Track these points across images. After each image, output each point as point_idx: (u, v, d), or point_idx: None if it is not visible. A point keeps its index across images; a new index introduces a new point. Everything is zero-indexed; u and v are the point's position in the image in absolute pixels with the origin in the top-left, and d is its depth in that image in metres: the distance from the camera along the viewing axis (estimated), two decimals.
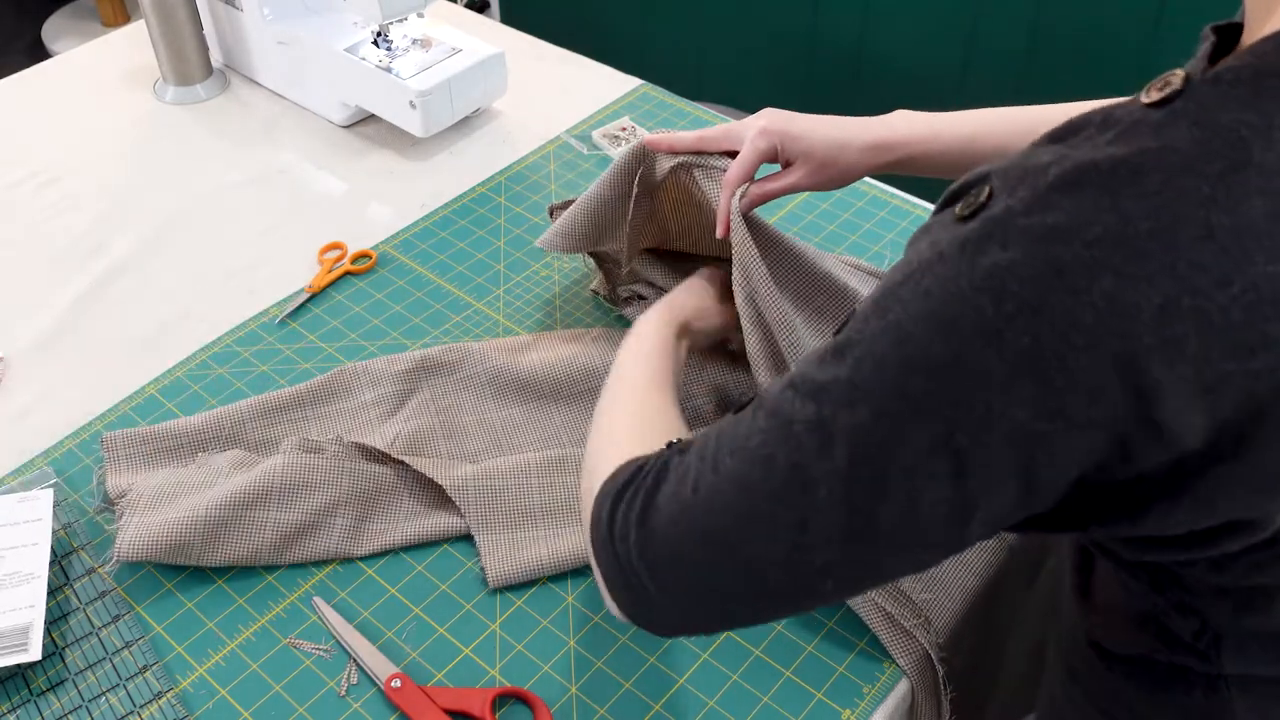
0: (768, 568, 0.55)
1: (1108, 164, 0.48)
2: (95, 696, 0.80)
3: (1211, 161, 0.47)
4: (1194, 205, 0.46)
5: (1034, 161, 0.51)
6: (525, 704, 0.80)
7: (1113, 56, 1.78)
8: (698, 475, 0.58)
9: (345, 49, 1.28)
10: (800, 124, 0.89)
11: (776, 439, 0.54)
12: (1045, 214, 0.48)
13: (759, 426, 0.56)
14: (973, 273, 0.48)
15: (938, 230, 0.52)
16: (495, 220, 1.22)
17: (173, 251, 1.18)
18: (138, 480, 0.91)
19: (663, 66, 2.22)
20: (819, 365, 0.54)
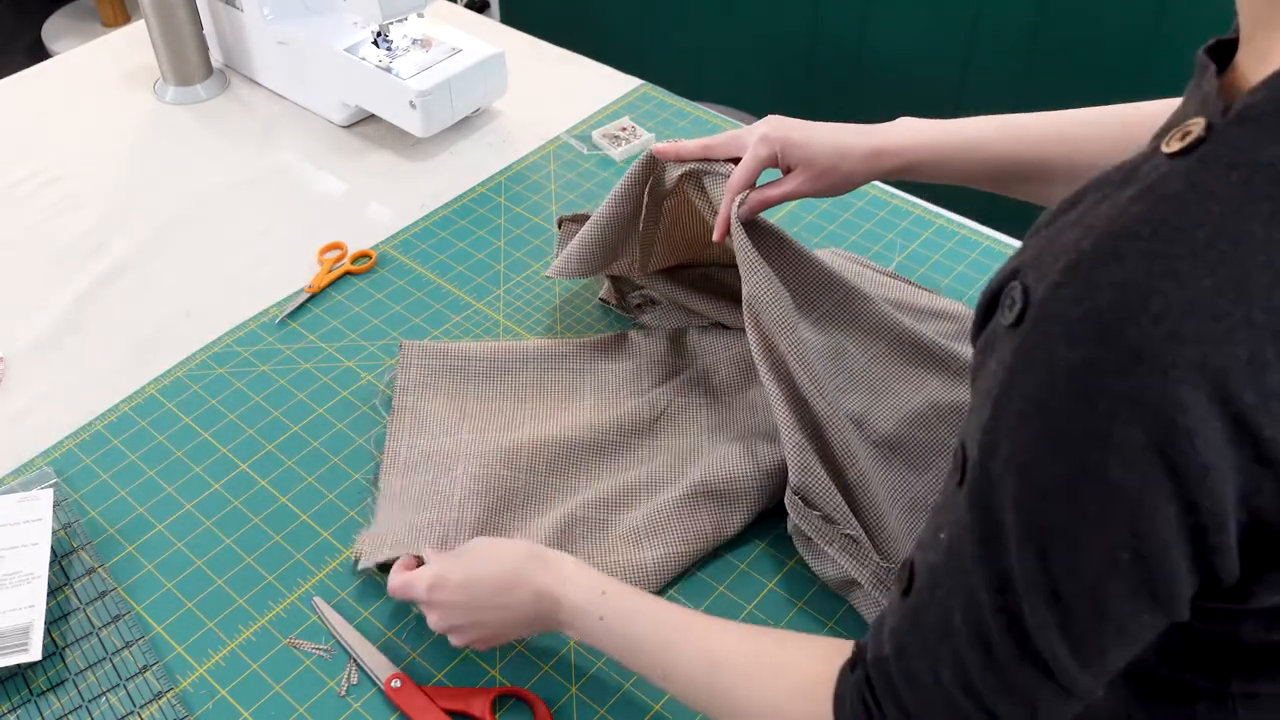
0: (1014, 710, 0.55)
1: (1145, 226, 0.46)
2: (95, 696, 0.80)
3: (1259, 203, 0.45)
4: (1252, 251, 0.45)
5: (1060, 241, 0.49)
6: (525, 704, 0.80)
7: (1113, 56, 1.77)
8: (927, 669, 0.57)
9: (345, 49, 1.28)
10: (801, 131, 0.89)
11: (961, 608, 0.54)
12: (1095, 296, 0.46)
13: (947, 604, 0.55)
14: (1054, 379, 0.47)
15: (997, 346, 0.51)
16: (495, 220, 1.22)
17: (173, 251, 1.18)
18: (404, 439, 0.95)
19: (663, 66, 2.22)
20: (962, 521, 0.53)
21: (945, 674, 0.56)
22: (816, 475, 0.84)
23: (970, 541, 0.53)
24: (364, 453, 0.97)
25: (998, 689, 0.54)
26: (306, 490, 0.94)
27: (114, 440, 0.98)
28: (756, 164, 0.90)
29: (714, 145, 0.94)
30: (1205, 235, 0.45)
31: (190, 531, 0.91)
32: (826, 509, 0.84)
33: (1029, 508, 0.49)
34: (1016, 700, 0.55)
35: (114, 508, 0.93)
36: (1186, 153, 0.48)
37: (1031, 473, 0.49)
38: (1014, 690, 0.54)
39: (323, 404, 1.01)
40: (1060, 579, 0.50)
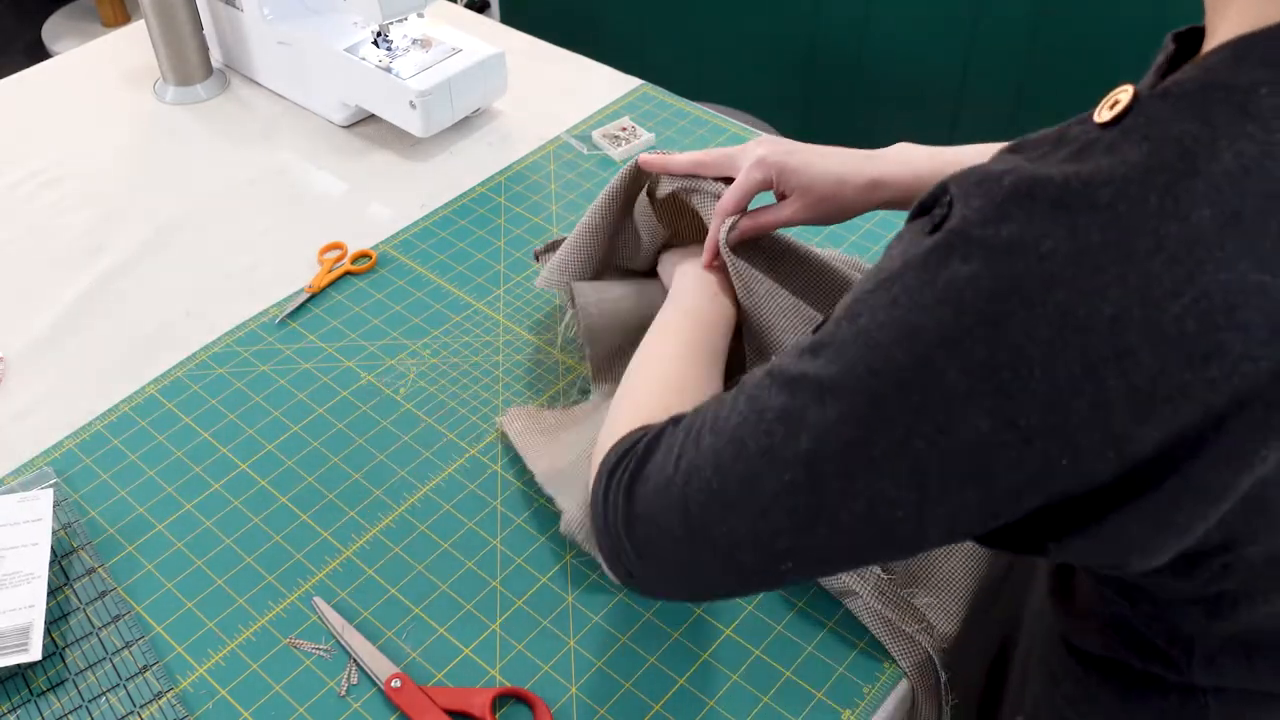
0: (734, 547, 0.59)
1: (1061, 178, 0.49)
2: (95, 696, 0.80)
3: (1159, 174, 0.48)
4: (1143, 217, 0.47)
5: (989, 170, 0.52)
6: (525, 704, 0.80)
7: (1113, 56, 1.78)
8: (681, 450, 0.61)
9: (345, 49, 1.28)
10: (799, 156, 0.87)
11: (750, 424, 0.57)
12: (1000, 226, 0.49)
13: (738, 409, 0.59)
14: (935, 284, 0.50)
15: (908, 240, 0.54)
16: (495, 220, 1.22)
17: (173, 251, 1.18)
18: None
19: (663, 66, 2.22)
20: (796, 359, 0.57)
21: (688, 452, 0.60)
22: None
23: (791, 375, 0.56)
24: (364, 452, 0.97)
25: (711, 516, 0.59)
26: (306, 490, 0.94)
27: (114, 440, 0.98)
28: (750, 188, 0.88)
29: (705, 162, 0.91)
30: (1106, 196, 0.48)
31: (190, 531, 0.91)
32: None
33: (859, 376, 0.53)
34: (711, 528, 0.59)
35: (114, 508, 0.93)
36: (1112, 123, 0.51)
37: (878, 350, 0.52)
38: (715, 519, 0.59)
39: (323, 404, 1.01)
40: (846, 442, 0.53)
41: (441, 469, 0.96)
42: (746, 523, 0.57)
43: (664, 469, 0.62)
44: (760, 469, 0.56)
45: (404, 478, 0.95)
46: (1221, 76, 0.50)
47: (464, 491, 0.94)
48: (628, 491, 0.63)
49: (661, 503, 0.61)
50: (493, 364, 1.05)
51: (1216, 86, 0.49)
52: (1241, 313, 0.46)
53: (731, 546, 0.59)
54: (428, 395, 1.02)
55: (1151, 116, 0.50)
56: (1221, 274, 0.46)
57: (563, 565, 0.88)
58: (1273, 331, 0.46)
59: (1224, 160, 0.47)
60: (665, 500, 0.61)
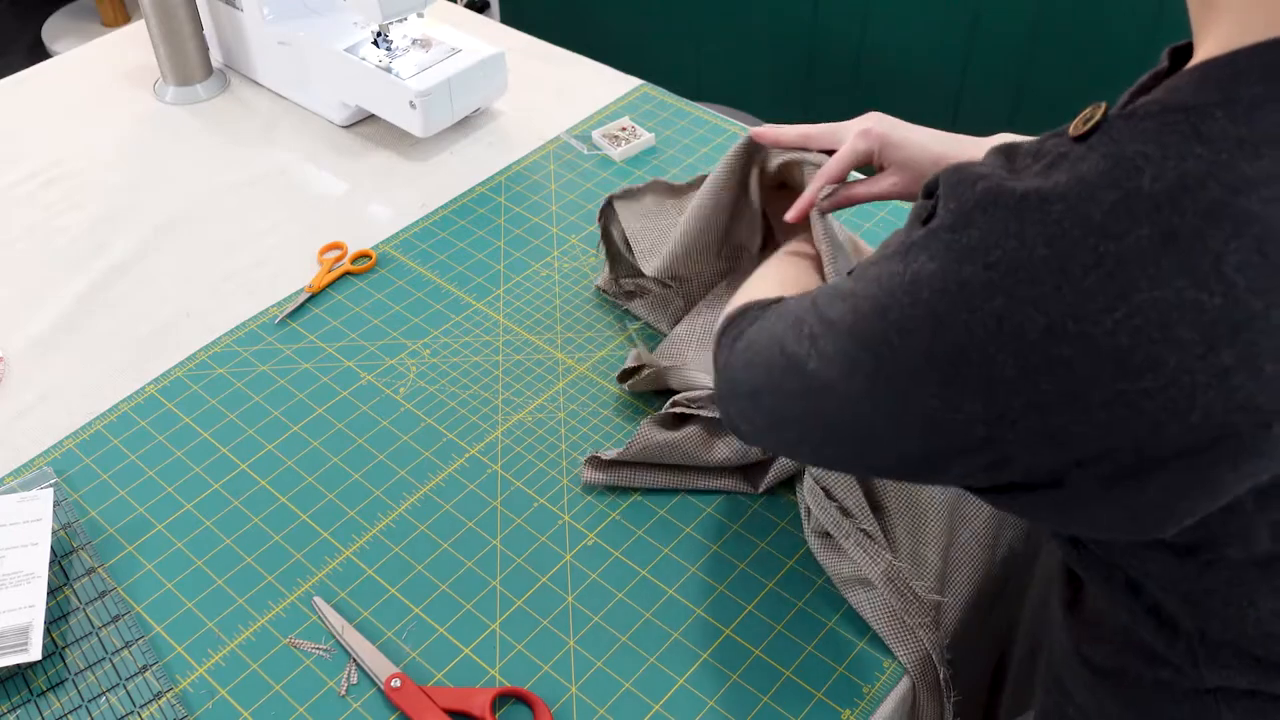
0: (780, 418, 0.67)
1: (1023, 191, 0.51)
2: (95, 696, 0.80)
3: (1107, 191, 0.49)
4: (1085, 234, 0.49)
5: (971, 171, 0.55)
6: (525, 704, 0.80)
7: (1113, 56, 1.78)
8: (762, 325, 0.70)
9: (345, 49, 1.28)
10: (902, 132, 0.89)
11: (792, 331, 0.64)
12: (964, 231, 0.53)
13: (795, 312, 0.65)
14: (904, 274, 0.55)
15: (908, 224, 0.59)
16: (495, 220, 1.22)
17: (173, 251, 1.18)
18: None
19: (663, 66, 2.22)
20: (826, 294, 0.63)
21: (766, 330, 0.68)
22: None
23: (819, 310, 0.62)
24: (364, 452, 0.97)
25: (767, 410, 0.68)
26: (306, 490, 0.94)
27: (114, 440, 0.98)
28: (853, 157, 0.90)
29: (812, 135, 0.94)
30: (1057, 212, 0.50)
31: (190, 531, 0.91)
32: (845, 502, 0.85)
33: (845, 335, 0.59)
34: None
35: (114, 508, 0.93)
36: (1081, 138, 0.53)
37: (860, 318, 0.57)
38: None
39: (323, 404, 1.01)
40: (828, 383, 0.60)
41: (441, 469, 0.96)
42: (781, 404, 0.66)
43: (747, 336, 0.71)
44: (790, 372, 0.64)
45: (404, 478, 0.95)
46: (1182, 98, 0.51)
47: (464, 491, 0.94)
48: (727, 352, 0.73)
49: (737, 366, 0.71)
50: (493, 364, 1.05)
51: (1175, 109, 0.50)
52: (1177, 329, 0.48)
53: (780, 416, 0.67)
54: (428, 395, 1.02)
55: (1114, 135, 0.51)
56: (1155, 291, 0.48)
57: (563, 565, 0.88)
58: (1208, 347, 0.48)
59: (1167, 180, 0.48)
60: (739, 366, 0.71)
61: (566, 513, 0.92)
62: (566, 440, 0.98)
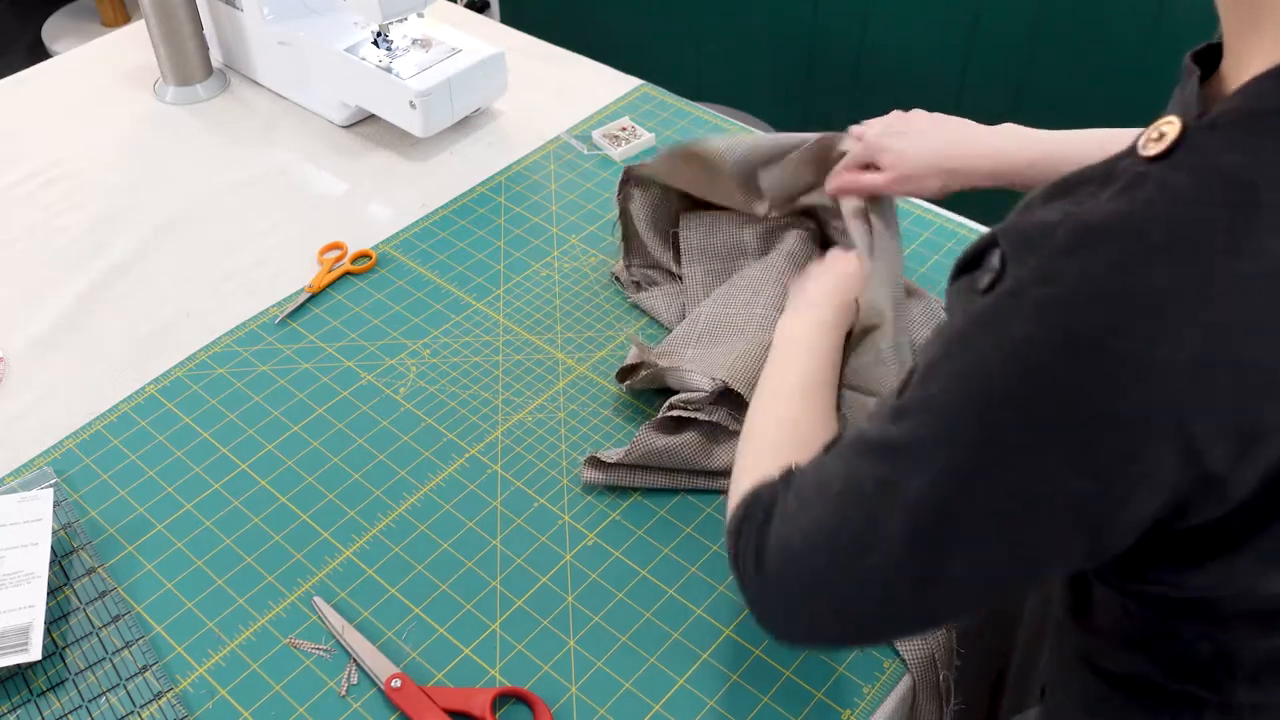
0: (855, 613, 0.60)
1: (1113, 222, 0.48)
2: (95, 696, 0.80)
3: (1219, 209, 0.47)
4: (1209, 255, 0.46)
5: (1039, 221, 0.51)
6: (525, 704, 0.80)
7: (1113, 56, 1.77)
8: (793, 518, 0.62)
9: (345, 49, 1.28)
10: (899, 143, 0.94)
11: (848, 494, 0.57)
12: (1058, 281, 0.48)
13: (837, 475, 0.59)
14: (998, 350, 0.50)
15: (964, 300, 0.54)
16: (495, 220, 1.22)
17: (173, 251, 1.18)
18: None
19: (663, 66, 2.22)
20: (882, 423, 0.57)
21: (800, 521, 0.61)
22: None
23: (878, 442, 0.57)
24: (364, 452, 0.97)
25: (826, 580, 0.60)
26: (306, 490, 0.94)
27: (114, 440, 0.98)
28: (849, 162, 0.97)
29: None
30: (1164, 237, 0.47)
31: (190, 531, 0.91)
32: None
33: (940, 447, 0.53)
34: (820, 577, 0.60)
35: (114, 508, 0.93)
36: (1161, 156, 0.50)
37: (953, 421, 0.52)
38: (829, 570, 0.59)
39: (323, 404, 1.01)
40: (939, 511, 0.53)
41: (441, 469, 0.96)
42: (861, 587, 0.58)
43: (781, 535, 0.62)
44: (866, 540, 0.56)
45: (404, 478, 0.95)
46: (1272, 103, 0.49)
47: (464, 491, 0.94)
48: (756, 557, 0.64)
49: (786, 568, 0.62)
50: (493, 364, 1.05)
51: (1269, 113, 0.48)
52: None
53: (852, 613, 0.60)
54: (428, 395, 1.02)
55: (1201, 148, 0.49)
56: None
57: (563, 565, 0.88)
58: None
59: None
60: (788, 566, 0.62)
61: (566, 513, 0.92)
62: (566, 440, 0.98)
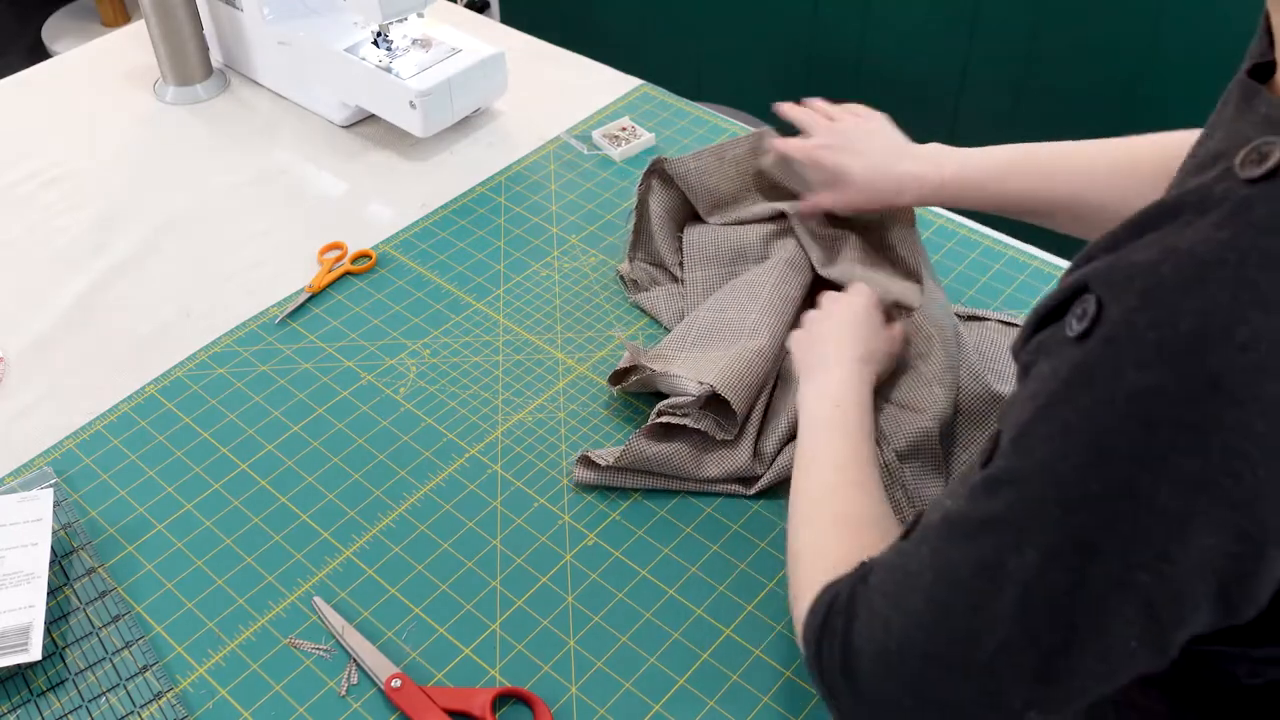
0: (971, 708, 0.54)
1: (1230, 253, 0.45)
2: (95, 696, 0.80)
3: None
4: None
5: (1136, 261, 0.48)
6: (525, 704, 0.80)
7: (1112, 58, 1.77)
8: (886, 618, 0.57)
9: (345, 49, 1.28)
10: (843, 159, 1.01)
11: (946, 583, 0.53)
12: (1175, 323, 0.45)
13: (926, 563, 0.55)
14: (1114, 401, 0.46)
15: (1054, 354, 0.50)
16: (495, 220, 1.22)
17: (173, 251, 1.18)
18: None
19: (663, 66, 2.22)
20: (970, 501, 0.53)
21: (895, 622, 0.56)
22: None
23: (972, 521, 0.52)
24: (364, 452, 0.97)
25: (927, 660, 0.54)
26: (306, 490, 0.94)
27: (114, 440, 0.98)
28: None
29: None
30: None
31: (190, 531, 0.91)
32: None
33: (1054, 516, 0.48)
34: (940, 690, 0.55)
35: (114, 508, 0.93)
36: (1269, 177, 0.47)
37: (1066, 484, 0.48)
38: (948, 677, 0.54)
39: (323, 404, 1.01)
40: (1058, 588, 0.49)
41: (441, 469, 0.96)
42: (974, 685, 0.53)
43: (874, 638, 0.57)
44: (974, 630, 0.52)
45: (404, 478, 0.95)
46: None
47: (464, 491, 0.94)
48: (844, 666, 0.59)
49: (883, 675, 0.57)
50: (493, 364, 1.05)
51: None
52: None
53: (968, 709, 0.54)
54: (428, 395, 1.02)
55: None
56: None
57: (563, 565, 0.88)
58: None
59: None
60: (885, 672, 0.57)
61: (566, 513, 0.92)
62: (566, 440, 0.98)
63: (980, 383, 0.91)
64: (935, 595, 0.54)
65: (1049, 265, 1.14)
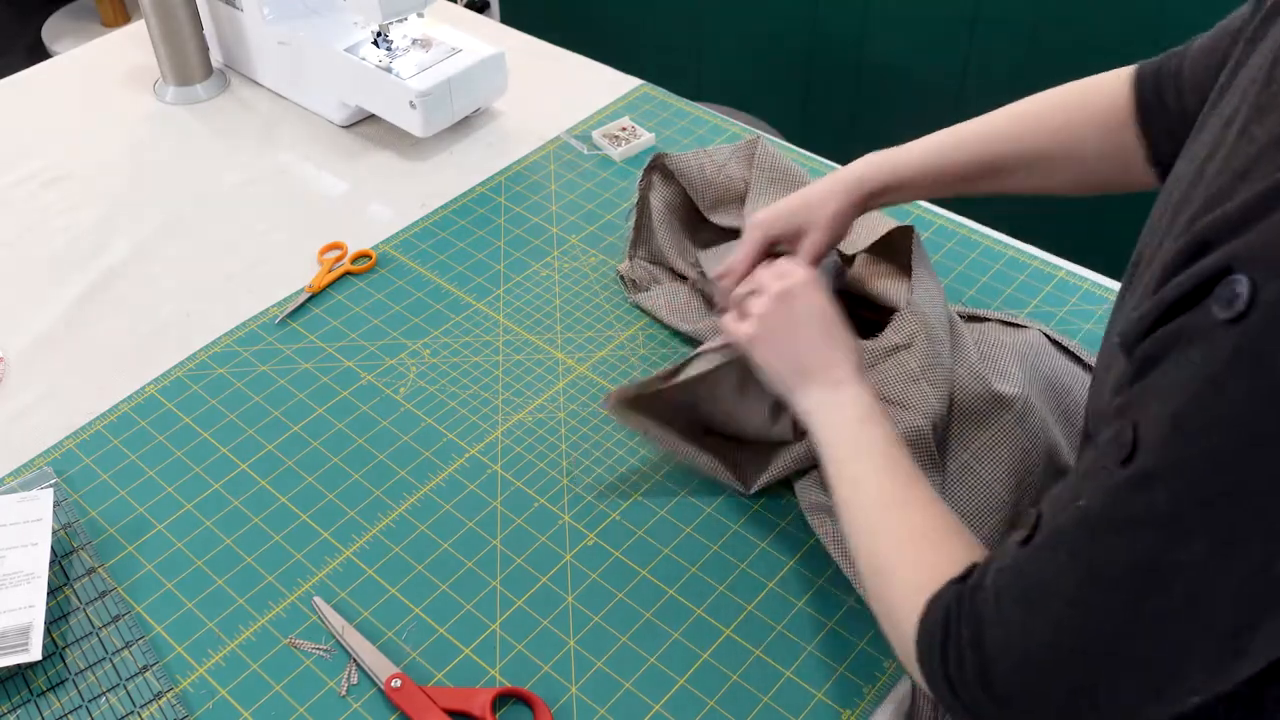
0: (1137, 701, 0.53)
1: None
2: (95, 696, 0.80)
3: None
4: None
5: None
6: (525, 704, 0.80)
7: (1112, 57, 1.77)
8: (1025, 625, 0.55)
9: (345, 49, 1.28)
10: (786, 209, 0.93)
11: (1099, 584, 0.52)
12: None
13: (1063, 565, 0.54)
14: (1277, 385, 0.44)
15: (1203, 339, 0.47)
16: (495, 220, 1.22)
17: (173, 251, 1.18)
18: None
19: (663, 66, 2.22)
20: (1115, 499, 0.51)
21: (1036, 627, 0.55)
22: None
23: (1121, 519, 0.51)
24: (364, 452, 0.97)
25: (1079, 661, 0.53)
26: (306, 490, 0.94)
27: (114, 440, 0.98)
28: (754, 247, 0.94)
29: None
30: None
31: (190, 531, 0.91)
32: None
33: (1220, 506, 0.47)
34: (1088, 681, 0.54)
35: (114, 508, 0.93)
36: None
37: (1231, 471, 0.46)
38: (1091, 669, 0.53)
39: (323, 404, 1.01)
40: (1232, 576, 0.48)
41: (441, 469, 0.96)
42: (1145, 684, 0.52)
43: (1011, 645, 0.56)
44: (1139, 629, 0.51)
45: (404, 478, 0.95)
46: None
47: (464, 491, 0.94)
48: (984, 686, 0.57)
49: (1031, 681, 0.56)
50: (493, 364, 1.05)
51: None
52: None
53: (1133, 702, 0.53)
54: (428, 395, 1.02)
55: None
56: None
57: (563, 565, 0.88)
58: None
59: None
60: (1034, 678, 0.56)
61: (566, 513, 0.92)
62: (566, 440, 0.98)
63: (981, 383, 0.90)
64: (1085, 597, 0.52)
65: (1049, 265, 1.15)
